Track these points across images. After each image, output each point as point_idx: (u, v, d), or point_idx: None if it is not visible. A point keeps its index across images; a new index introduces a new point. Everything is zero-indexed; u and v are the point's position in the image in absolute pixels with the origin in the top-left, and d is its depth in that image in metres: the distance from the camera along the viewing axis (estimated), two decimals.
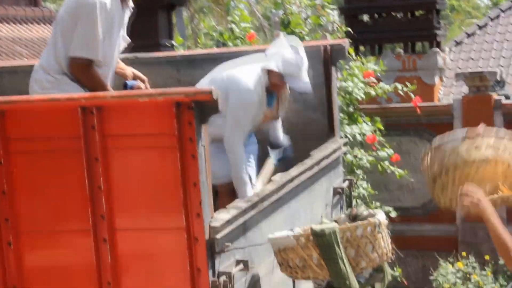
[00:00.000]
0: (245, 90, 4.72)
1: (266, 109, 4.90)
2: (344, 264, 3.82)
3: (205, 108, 3.36)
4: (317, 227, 3.85)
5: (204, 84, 4.85)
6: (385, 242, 3.99)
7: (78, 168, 3.42)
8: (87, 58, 4.27)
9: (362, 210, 4.35)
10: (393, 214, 8.46)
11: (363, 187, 8.37)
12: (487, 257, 9.73)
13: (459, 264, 9.25)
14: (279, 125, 5.20)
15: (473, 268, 9.47)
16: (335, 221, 4.20)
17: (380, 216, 4.04)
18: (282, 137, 5.21)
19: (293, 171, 4.49)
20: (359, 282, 3.92)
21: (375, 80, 8.48)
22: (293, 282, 4.43)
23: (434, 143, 3.89)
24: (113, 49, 4.41)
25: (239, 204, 3.82)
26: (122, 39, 4.52)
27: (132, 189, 3.44)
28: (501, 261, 9.80)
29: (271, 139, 5.19)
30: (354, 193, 8.01)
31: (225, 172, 4.75)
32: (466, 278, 9.34)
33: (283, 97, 5.07)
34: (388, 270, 4.35)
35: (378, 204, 8.61)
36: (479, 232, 10.07)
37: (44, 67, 4.38)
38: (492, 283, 9.43)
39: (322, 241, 3.81)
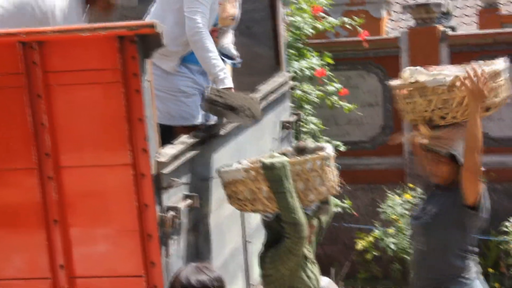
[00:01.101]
0: None
1: None
2: (293, 198, 3.83)
3: (149, 42, 3.30)
4: (267, 161, 3.84)
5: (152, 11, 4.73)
6: (333, 175, 4.01)
7: (21, 105, 3.35)
8: None
9: (309, 143, 4.36)
10: (342, 148, 8.50)
11: (313, 122, 8.37)
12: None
13: (407, 196, 9.36)
14: (231, 39, 5.07)
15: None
16: (283, 153, 4.20)
17: (329, 150, 4.05)
18: (234, 50, 5.07)
19: None
20: (306, 214, 3.94)
21: (324, 15, 8.44)
22: (242, 215, 4.46)
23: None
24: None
25: (185, 139, 3.80)
26: None
27: (76, 126, 3.39)
28: None
29: (224, 52, 5.03)
30: (304, 128, 8.03)
31: (181, 113, 4.65)
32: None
33: None
34: (333, 202, 4.39)
35: (327, 139, 8.63)
36: None
37: None
38: None
39: (272, 174, 3.81)
